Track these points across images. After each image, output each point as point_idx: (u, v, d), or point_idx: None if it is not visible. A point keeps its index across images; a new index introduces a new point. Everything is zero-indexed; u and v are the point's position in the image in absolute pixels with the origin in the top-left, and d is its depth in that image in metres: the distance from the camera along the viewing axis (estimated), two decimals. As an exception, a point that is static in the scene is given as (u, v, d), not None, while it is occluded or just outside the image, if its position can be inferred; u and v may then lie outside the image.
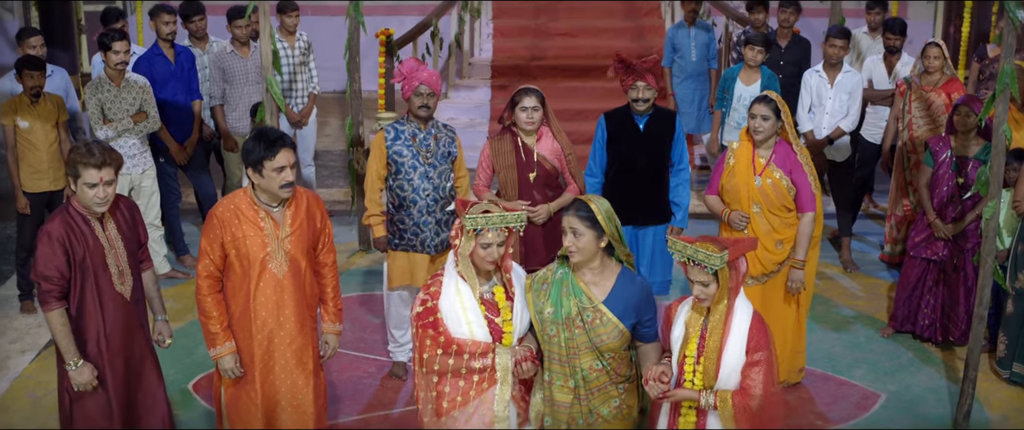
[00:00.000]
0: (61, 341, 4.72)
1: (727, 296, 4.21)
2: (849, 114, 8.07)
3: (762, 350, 4.21)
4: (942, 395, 6.36)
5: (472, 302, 4.39)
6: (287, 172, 4.66)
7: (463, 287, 4.39)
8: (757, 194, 5.94)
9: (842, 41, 7.98)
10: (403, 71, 6.05)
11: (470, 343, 4.36)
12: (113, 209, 4.82)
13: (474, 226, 4.30)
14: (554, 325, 4.39)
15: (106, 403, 4.85)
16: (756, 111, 5.89)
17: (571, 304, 4.36)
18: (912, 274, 6.95)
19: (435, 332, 4.36)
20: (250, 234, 4.75)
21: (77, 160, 4.60)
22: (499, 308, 4.43)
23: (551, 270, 4.50)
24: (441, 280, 4.44)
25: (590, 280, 4.40)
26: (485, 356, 4.35)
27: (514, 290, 4.46)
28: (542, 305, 4.42)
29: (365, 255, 8.58)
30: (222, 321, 4.83)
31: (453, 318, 4.38)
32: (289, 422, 4.95)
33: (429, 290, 4.44)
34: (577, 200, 4.41)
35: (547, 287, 4.44)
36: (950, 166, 6.74)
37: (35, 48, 7.66)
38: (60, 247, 4.65)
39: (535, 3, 13.15)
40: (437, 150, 6.08)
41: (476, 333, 4.38)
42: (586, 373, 4.41)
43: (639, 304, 4.41)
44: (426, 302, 4.41)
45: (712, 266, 4.11)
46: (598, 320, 4.35)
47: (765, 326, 4.28)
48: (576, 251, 4.32)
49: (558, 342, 4.40)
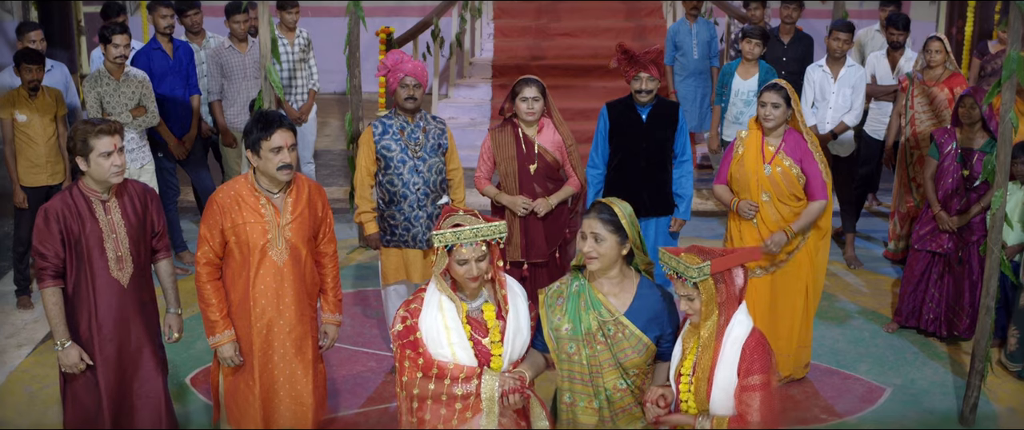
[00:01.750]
0: (52, 320, 4.67)
1: (718, 310, 3.77)
2: (853, 108, 8.01)
3: (758, 373, 3.74)
4: (948, 389, 6.29)
5: (456, 321, 3.96)
6: (284, 153, 4.60)
7: (447, 304, 3.98)
8: (767, 182, 5.87)
9: (846, 34, 7.93)
10: (387, 63, 6.00)
11: (453, 367, 3.92)
12: (120, 193, 4.76)
13: (442, 243, 3.90)
14: (573, 342, 4.01)
15: (95, 387, 4.78)
16: (767, 99, 5.83)
17: (590, 318, 3.99)
18: (917, 267, 6.89)
19: (414, 353, 3.95)
20: (250, 220, 4.69)
21: (87, 133, 4.54)
22: (487, 328, 4.01)
23: (565, 283, 4.12)
24: (423, 296, 4.04)
25: (609, 291, 4.04)
26: (469, 382, 3.91)
27: (508, 308, 4.05)
28: (558, 322, 4.05)
29: (364, 251, 8.52)
30: (222, 309, 4.77)
31: (434, 338, 3.95)
32: (288, 412, 4.89)
33: (409, 307, 4.03)
34: (598, 202, 4.03)
35: (563, 301, 4.07)
36: (955, 158, 6.69)
37: (35, 42, 7.62)
38: (55, 225, 4.60)
39: (536, 3, 13.12)
40: (426, 143, 6.02)
41: (459, 355, 3.94)
42: (610, 393, 4.03)
43: (662, 315, 4.05)
44: (406, 320, 4.01)
45: (690, 278, 3.73)
46: (620, 334, 3.98)
47: (766, 347, 3.80)
48: (596, 257, 3.95)
49: (579, 360, 4.02)
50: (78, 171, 4.71)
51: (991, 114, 6.53)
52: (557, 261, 6.31)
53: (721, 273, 3.76)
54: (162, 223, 4.96)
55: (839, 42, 7.92)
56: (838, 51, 7.95)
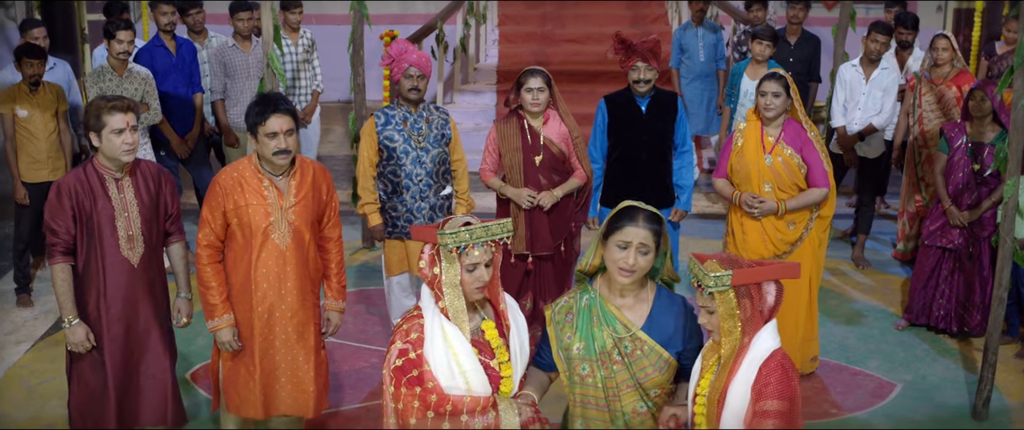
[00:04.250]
0: (60, 297, 4.60)
1: (742, 328, 3.37)
2: (883, 111, 7.93)
3: (774, 398, 3.28)
4: (960, 384, 6.20)
5: (464, 346, 3.55)
6: (280, 139, 4.52)
7: (450, 329, 3.55)
8: (768, 172, 5.80)
9: (884, 37, 7.85)
10: (392, 53, 5.93)
11: (468, 400, 3.51)
12: (134, 171, 4.70)
13: (456, 243, 3.49)
14: (586, 363, 3.65)
15: (101, 367, 4.70)
16: (767, 88, 5.76)
17: (605, 336, 3.63)
18: (927, 263, 6.81)
19: (424, 390, 3.50)
20: (253, 202, 4.62)
21: (101, 109, 4.49)
22: (492, 348, 3.63)
23: (574, 297, 3.75)
24: (420, 322, 3.58)
25: (622, 304, 3.68)
26: (486, 413, 3.51)
27: (509, 324, 3.70)
28: (569, 341, 3.68)
29: (367, 252, 8.45)
30: (222, 292, 4.69)
31: (445, 371, 3.52)
32: (289, 398, 4.80)
33: (409, 338, 3.55)
34: (639, 209, 3.60)
35: (573, 318, 3.70)
36: (965, 152, 6.61)
37: (38, 39, 7.58)
38: (67, 200, 4.54)
39: (541, 10, 13.11)
40: (429, 133, 5.95)
41: (473, 383, 3.54)
42: (628, 418, 3.66)
43: (684, 328, 3.69)
44: (408, 352, 3.54)
45: (706, 287, 3.35)
46: (639, 351, 3.62)
47: (788, 372, 3.34)
48: (636, 272, 3.57)
49: (594, 383, 3.65)
50: (79, 160, 4.65)
51: (1002, 106, 6.46)
52: (562, 255, 6.23)
53: (747, 287, 3.35)
54: (176, 206, 4.89)
55: (877, 45, 7.84)
56: (875, 53, 7.87)
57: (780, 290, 3.39)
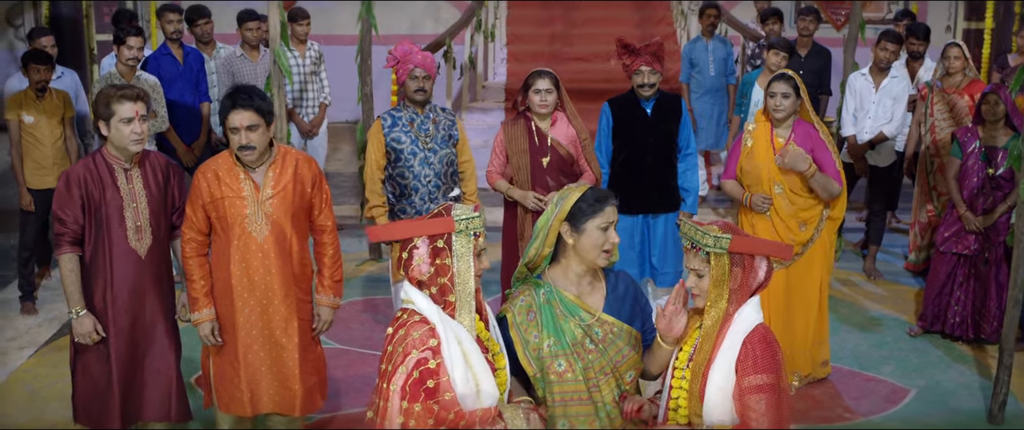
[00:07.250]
0: (67, 287, 4.55)
1: (728, 297, 3.32)
2: (893, 119, 7.87)
3: (764, 372, 3.22)
4: (974, 389, 6.10)
5: (472, 344, 3.36)
6: (241, 134, 4.40)
7: (458, 329, 3.35)
8: (778, 173, 5.73)
9: (894, 46, 7.82)
10: (396, 55, 5.90)
11: (480, 413, 3.30)
12: (143, 162, 4.65)
13: (471, 228, 3.36)
14: (561, 358, 3.54)
15: (106, 359, 4.64)
16: (776, 89, 5.71)
17: (572, 326, 3.55)
18: (942, 270, 6.71)
19: (440, 406, 3.24)
20: (229, 195, 4.51)
21: (110, 97, 4.45)
22: (483, 340, 3.46)
23: (530, 295, 3.61)
24: (430, 326, 3.33)
25: (580, 291, 3.61)
26: (494, 423, 3.32)
27: (487, 314, 3.54)
28: (536, 340, 3.56)
29: (374, 263, 8.38)
30: (203, 286, 4.60)
31: (460, 374, 3.30)
32: (275, 395, 4.66)
33: (428, 345, 3.29)
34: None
35: (535, 316, 3.58)
36: (979, 156, 6.54)
37: (45, 46, 7.57)
38: (77, 190, 4.50)
39: (549, 27, 13.14)
40: (437, 134, 5.91)
41: (483, 383, 3.35)
42: (610, 409, 3.57)
43: (638, 301, 3.67)
44: (426, 362, 3.26)
45: (704, 247, 3.30)
46: (610, 333, 3.56)
47: (773, 345, 3.29)
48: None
49: (573, 376, 3.54)
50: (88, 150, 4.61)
51: (1015, 109, 6.40)
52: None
53: (741, 256, 3.31)
54: (183, 198, 4.81)
55: (887, 53, 7.80)
56: (884, 61, 7.83)
57: (770, 269, 3.37)
